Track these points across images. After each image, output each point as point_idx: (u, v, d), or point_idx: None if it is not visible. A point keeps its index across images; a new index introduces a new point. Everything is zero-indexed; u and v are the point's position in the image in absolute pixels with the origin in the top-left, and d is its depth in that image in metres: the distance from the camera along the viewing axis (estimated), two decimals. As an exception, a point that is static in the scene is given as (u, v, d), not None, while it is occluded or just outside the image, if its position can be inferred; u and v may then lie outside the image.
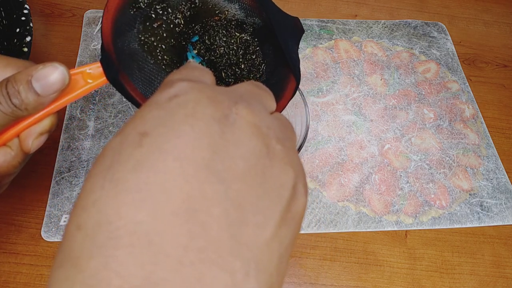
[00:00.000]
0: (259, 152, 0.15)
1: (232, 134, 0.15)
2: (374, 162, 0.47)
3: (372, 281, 0.40)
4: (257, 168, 0.15)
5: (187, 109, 0.15)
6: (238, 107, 0.16)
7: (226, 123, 0.15)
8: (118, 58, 0.26)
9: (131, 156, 0.14)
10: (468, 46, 0.60)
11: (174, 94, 0.16)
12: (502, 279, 0.41)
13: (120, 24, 0.28)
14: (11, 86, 0.22)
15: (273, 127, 0.17)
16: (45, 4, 0.55)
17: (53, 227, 0.39)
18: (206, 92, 0.16)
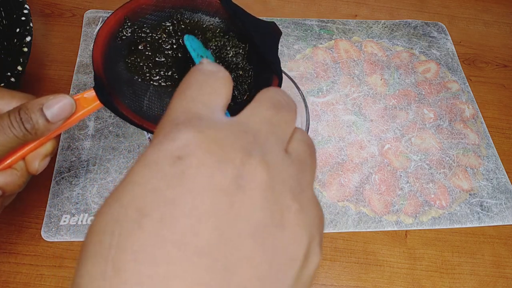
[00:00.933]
0: (271, 223, 0.14)
1: (242, 205, 0.14)
2: (374, 162, 0.47)
3: (372, 281, 0.40)
4: (267, 244, 0.14)
5: (190, 182, 0.14)
6: (252, 164, 0.14)
7: (236, 191, 0.14)
8: (109, 82, 0.29)
9: (131, 242, 0.13)
10: (468, 46, 0.60)
11: (176, 156, 0.14)
12: (502, 279, 0.41)
13: (108, 53, 0.31)
14: (24, 113, 0.25)
15: (289, 180, 0.15)
16: (45, 4, 0.55)
17: (53, 227, 0.39)
18: (214, 151, 0.14)
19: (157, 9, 0.34)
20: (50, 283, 0.36)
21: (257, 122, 0.17)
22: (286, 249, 0.14)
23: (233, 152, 0.14)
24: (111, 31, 0.32)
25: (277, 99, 0.18)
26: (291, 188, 0.15)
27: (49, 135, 0.27)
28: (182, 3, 0.34)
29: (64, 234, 0.38)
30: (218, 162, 0.14)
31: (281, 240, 0.14)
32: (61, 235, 0.38)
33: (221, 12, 0.35)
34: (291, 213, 0.15)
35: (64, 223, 0.39)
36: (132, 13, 0.33)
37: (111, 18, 0.32)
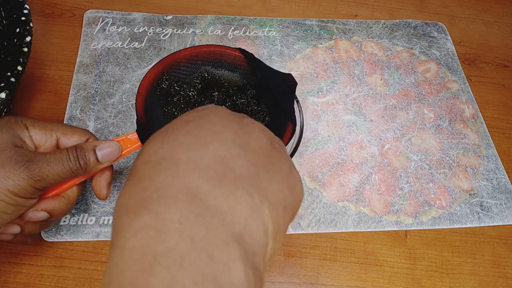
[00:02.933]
0: (265, 143, 0.23)
1: (246, 129, 0.23)
2: (374, 162, 0.47)
3: (372, 281, 0.40)
4: (265, 150, 0.22)
5: (215, 113, 0.23)
6: (248, 119, 0.24)
7: (241, 123, 0.23)
8: (149, 126, 0.35)
9: (182, 129, 0.22)
10: (468, 46, 0.60)
11: (206, 107, 0.24)
12: (502, 279, 0.41)
13: (149, 101, 0.37)
14: (80, 150, 0.30)
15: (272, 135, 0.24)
16: (45, 4, 0.55)
17: (53, 227, 0.39)
18: (226, 109, 0.24)
19: (190, 61, 0.40)
20: (50, 283, 0.36)
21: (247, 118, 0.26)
22: (277, 159, 0.23)
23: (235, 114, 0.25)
24: (152, 82, 0.38)
25: None
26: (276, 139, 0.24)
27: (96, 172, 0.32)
28: (211, 57, 0.41)
29: (64, 234, 0.38)
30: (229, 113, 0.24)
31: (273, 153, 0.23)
32: (61, 235, 0.38)
33: (244, 65, 0.41)
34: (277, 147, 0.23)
35: (64, 223, 0.39)
36: (169, 67, 0.40)
37: (152, 70, 0.38)
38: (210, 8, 0.58)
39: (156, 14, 0.56)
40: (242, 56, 0.40)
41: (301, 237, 0.41)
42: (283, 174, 0.22)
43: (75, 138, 0.32)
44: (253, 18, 0.57)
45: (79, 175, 0.31)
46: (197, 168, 0.20)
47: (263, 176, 0.21)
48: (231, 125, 0.22)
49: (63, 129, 0.32)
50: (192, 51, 0.40)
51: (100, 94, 0.47)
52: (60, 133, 0.32)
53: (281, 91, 0.37)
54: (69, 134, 0.32)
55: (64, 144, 0.32)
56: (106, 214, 0.40)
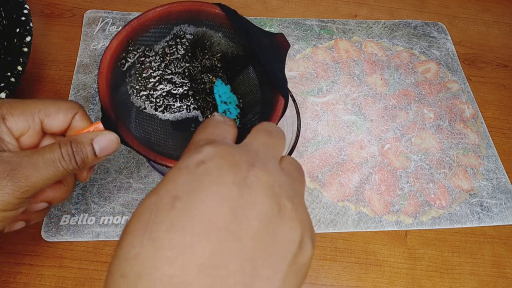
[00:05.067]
0: (272, 212, 0.18)
1: (249, 196, 0.18)
2: (374, 162, 0.47)
3: (372, 281, 0.40)
4: (269, 227, 0.18)
5: (211, 176, 0.18)
6: (255, 170, 0.19)
7: (244, 186, 0.18)
8: (116, 112, 0.30)
9: (166, 218, 0.17)
10: (468, 46, 0.60)
11: (201, 160, 0.19)
12: (502, 279, 0.41)
13: (114, 81, 0.31)
14: (76, 145, 0.26)
15: (285, 185, 0.20)
16: (45, 4, 0.55)
17: (53, 227, 0.39)
18: (228, 158, 0.19)
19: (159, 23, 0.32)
20: (50, 283, 0.36)
21: (256, 144, 0.22)
22: (285, 234, 0.18)
23: (241, 161, 0.19)
24: (115, 56, 0.31)
25: (270, 129, 0.23)
26: (287, 192, 0.19)
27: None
28: (186, 17, 0.33)
29: (64, 234, 0.38)
30: (231, 166, 0.19)
31: (280, 226, 0.18)
32: (61, 235, 0.38)
33: (226, 25, 0.33)
34: (288, 209, 0.19)
35: (64, 223, 0.39)
36: (134, 33, 0.32)
37: (113, 41, 0.31)
38: (210, 8, 0.58)
39: (156, 14, 0.56)
40: (223, 13, 0.33)
41: (301, 237, 0.41)
42: (288, 258, 0.18)
43: (60, 117, 0.28)
44: (253, 18, 0.57)
45: (73, 173, 0.27)
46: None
47: (262, 274, 0.17)
48: (228, 199, 0.18)
49: (46, 109, 0.27)
50: (161, 12, 0.32)
51: (100, 94, 0.47)
52: (43, 114, 0.27)
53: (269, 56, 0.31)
54: (53, 113, 0.28)
55: (49, 126, 0.28)
56: (106, 214, 0.40)
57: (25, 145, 0.28)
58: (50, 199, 0.28)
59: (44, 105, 0.28)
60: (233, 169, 0.19)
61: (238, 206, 0.18)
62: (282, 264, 0.17)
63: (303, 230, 0.19)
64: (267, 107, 0.31)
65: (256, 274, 0.17)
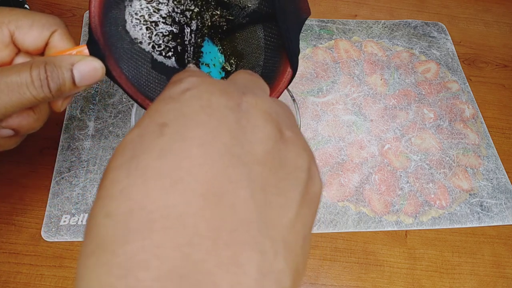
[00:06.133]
0: (274, 136, 0.16)
1: (247, 121, 0.16)
2: (374, 162, 0.47)
3: (372, 281, 0.40)
4: (274, 152, 0.15)
5: (202, 100, 0.15)
6: (248, 97, 0.17)
7: (240, 111, 0.16)
8: (106, 40, 0.25)
9: (154, 145, 0.14)
10: (468, 46, 0.60)
11: (186, 88, 0.16)
12: (502, 279, 0.41)
13: (109, 4, 0.26)
14: (52, 69, 0.21)
15: (281, 114, 0.17)
16: (45, 4, 0.55)
17: (53, 227, 0.39)
18: (216, 85, 0.16)
19: None
20: (50, 283, 0.36)
21: (241, 80, 0.19)
22: (291, 159, 0.16)
23: (231, 90, 0.17)
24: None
25: (250, 72, 0.21)
26: (284, 120, 0.17)
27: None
28: None
29: (64, 234, 0.38)
30: (221, 92, 0.16)
31: (286, 152, 0.16)
32: (61, 235, 0.38)
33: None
34: (289, 136, 0.16)
35: (64, 223, 0.39)
36: None
37: None
38: (210, 8, 0.58)
39: (156, 14, 0.56)
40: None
41: (301, 237, 0.41)
42: (300, 185, 0.16)
43: (34, 33, 0.24)
44: (253, 18, 0.57)
45: (44, 102, 0.23)
46: (180, 225, 0.13)
47: (274, 202, 0.14)
48: (225, 122, 0.15)
49: (17, 21, 0.23)
50: None
51: (100, 94, 0.47)
52: (13, 26, 0.23)
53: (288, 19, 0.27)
54: (25, 27, 0.23)
55: (22, 42, 0.24)
56: (106, 214, 0.40)
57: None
58: (16, 127, 0.24)
59: (16, 16, 0.23)
60: (225, 95, 0.16)
61: (238, 129, 0.15)
62: (295, 192, 0.15)
63: (309, 157, 0.17)
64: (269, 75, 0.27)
65: (268, 202, 0.14)
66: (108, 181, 0.14)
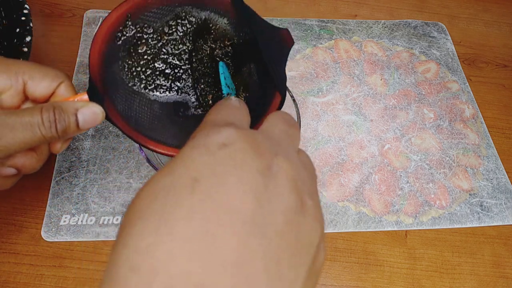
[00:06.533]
0: (295, 207, 0.16)
1: (275, 187, 0.16)
2: (374, 162, 0.47)
3: (372, 281, 0.40)
4: (293, 224, 0.16)
5: (235, 161, 0.16)
6: (279, 159, 0.17)
7: (269, 175, 0.16)
8: (104, 86, 0.28)
9: (185, 202, 0.15)
10: (468, 46, 0.60)
11: (223, 143, 0.17)
12: (502, 279, 0.41)
13: (107, 53, 0.30)
14: (59, 113, 0.25)
15: (306, 180, 0.18)
16: (45, 4, 0.55)
17: (53, 227, 0.39)
18: (251, 143, 0.17)
19: (162, 4, 0.32)
20: (50, 283, 0.36)
21: (277, 132, 0.20)
22: (306, 234, 0.17)
23: (265, 149, 0.17)
24: (112, 28, 0.30)
25: (288, 118, 0.22)
26: (308, 187, 0.18)
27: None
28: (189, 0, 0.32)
29: (64, 234, 0.38)
30: (255, 152, 0.17)
31: (303, 225, 0.17)
32: (61, 235, 0.38)
33: (230, 13, 0.32)
34: (309, 206, 0.17)
35: (64, 223, 0.39)
36: (136, 9, 0.31)
37: (113, 13, 0.30)
38: (210, 8, 0.58)
39: (156, 14, 0.56)
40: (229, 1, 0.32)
41: (301, 237, 0.41)
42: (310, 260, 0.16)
43: (45, 83, 0.27)
44: (253, 18, 0.57)
45: (50, 141, 0.26)
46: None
47: (285, 276, 0.15)
48: (254, 187, 0.16)
49: (31, 72, 0.27)
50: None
51: (100, 94, 0.47)
52: (28, 76, 0.26)
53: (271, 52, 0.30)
54: (38, 78, 0.27)
55: (33, 90, 0.27)
56: (106, 214, 0.40)
57: (4, 106, 0.27)
58: (19, 166, 0.27)
59: (30, 68, 0.27)
60: (258, 156, 0.17)
61: (264, 197, 0.16)
62: (304, 267, 0.16)
63: (321, 231, 0.17)
64: (263, 102, 0.30)
65: (280, 276, 0.15)
66: (137, 230, 0.15)
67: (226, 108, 0.21)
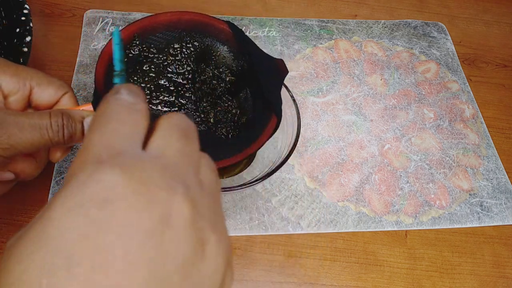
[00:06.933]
0: (194, 256, 0.15)
1: (170, 242, 0.14)
2: (374, 162, 0.47)
3: (372, 281, 0.40)
4: (192, 277, 0.14)
5: (120, 226, 0.13)
6: (176, 201, 0.15)
7: (162, 230, 0.14)
8: None
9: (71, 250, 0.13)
10: (468, 46, 0.60)
11: (103, 198, 0.14)
12: (502, 279, 0.41)
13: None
14: (67, 119, 0.25)
15: (207, 211, 0.16)
16: (45, 4, 0.55)
17: (53, 227, 0.39)
18: (140, 191, 0.14)
19: (168, 29, 0.34)
20: (50, 283, 0.36)
21: (172, 154, 0.17)
22: (208, 279, 0.15)
23: (159, 191, 0.14)
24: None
25: (183, 126, 0.18)
26: (209, 220, 0.16)
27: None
28: (194, 27, 0.35)
29: (64, 234, 0.38)
30: (146, 203, 0.14)
31: (203, 270, 0.15)
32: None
33: (231, 42, 0.35)
34: (211, 244, 0.15)
35: (64, 223, 0.39)
36: (143, 31, 0.33)
37: (121, 32, 0.32)
38: (210, 8, 0.58)
39: (156, 14, 0.56)
40: (230, 31, 0.35)
41: (301, 237, 0.41)
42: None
43: (50, 91, 0.28)
44: (253, 18, 0.57)
45: (55, 146, 0.26)
46: None
47: None
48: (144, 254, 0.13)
49: (39, 78, 0.27)
50: (172, 17, 0.34)
51: (100, 94, 0.47)
52: (35, 82, 0.27)
53: (268, 79, 0.33)
54: (44, 84, 0.27)
55: (38, 97, 0.27)
56: (106, 214, 0.40)
57: (10, 109, 0.27)
58: (19, 171, 0.27)
59: (38, 75, 0.27)
60: (149, 208, 0.14)
61: (157, 263, 0.13)
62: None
63: (227, 262, 0.16)
64: (260, 124, 0.32)
65: None
66: None
67: (115, 114, 0.17)
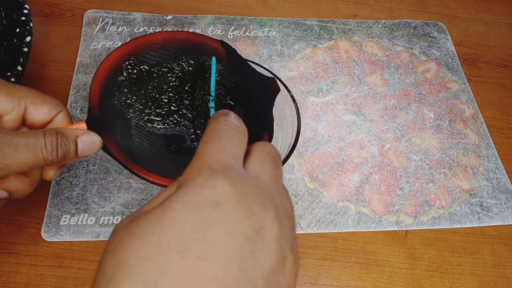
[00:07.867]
0: (277, 268, 0.17)
1: (261, 251, 0.17)
2: (374, 162, 0.47)
3: (372, 281, 0.40)
4: (272, 285, 0.17)
5: (225, 225, 0.17)
6: (268, 218, 0.18)
7: (256, 238, 0.17)
8: (102, 117, 0.30)
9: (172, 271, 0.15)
10: (468, 46, 0.60)
11: (216, 201, 0.17)
12: (502, 279, 0.41)
13: (107, 87, 0.32)
14: (61, 138, 0.26)
15: (289, 233, 0.19)
16: (45, 4, 0.55)
17: (53, 227, 0.39)
18: (243, 202, 0.18)
19: (163, 47, 0.35)
20: (50, 283, 0.36)
21: (266, 178, 0.20)
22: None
23: (255, 205, 0.18)
24: (114, 65, 0.33)
25: (273, 155, 0.22)
26: (290, 241, 0.19)
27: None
28: (188, 46, 0.35)
29: (64, 234, 0.38)
30: (246, 212, 0.18)
31: (281, 283, 0.18)
32: (61, 235, 0.38)
33: (224, 60, 0.35)
34: (289, 261, 0.18)
35: (64, 223, 0.39)
36: (138, 49, 0.34)
37: (116, 51, 0.32)
38: (210, 8, 0.58)
39: (156, 14, 0.56)
40: (223, 50, 0.35)
41: (301, 237, 0.41)
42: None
43: (45, 110, 0.28)
44: (253, 18, 0.57)
45: (50, 165, 0.27)
46: None
47: None
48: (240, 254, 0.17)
49: (33, 98, 0.27)
50: (166, 36, 0.35)
51: (100, 94, 0.47)
52: (30, 101, 0.27)
53: (260, 97, 0.34)
54: (39, 104, 0.28)
55: (32, 115, 0.28)
56: (106, 214, 0.40)
57: (4, 127, 0.27)
58: (12, 189, 0.27)
59: (32, 94, 0.28)
60: (247, 218, 0.17)
61: (248, 264, 0.16)
62: None
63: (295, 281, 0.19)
64: (251, 140, 0.33)
65: None
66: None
67: (224, 135, 0.21)
